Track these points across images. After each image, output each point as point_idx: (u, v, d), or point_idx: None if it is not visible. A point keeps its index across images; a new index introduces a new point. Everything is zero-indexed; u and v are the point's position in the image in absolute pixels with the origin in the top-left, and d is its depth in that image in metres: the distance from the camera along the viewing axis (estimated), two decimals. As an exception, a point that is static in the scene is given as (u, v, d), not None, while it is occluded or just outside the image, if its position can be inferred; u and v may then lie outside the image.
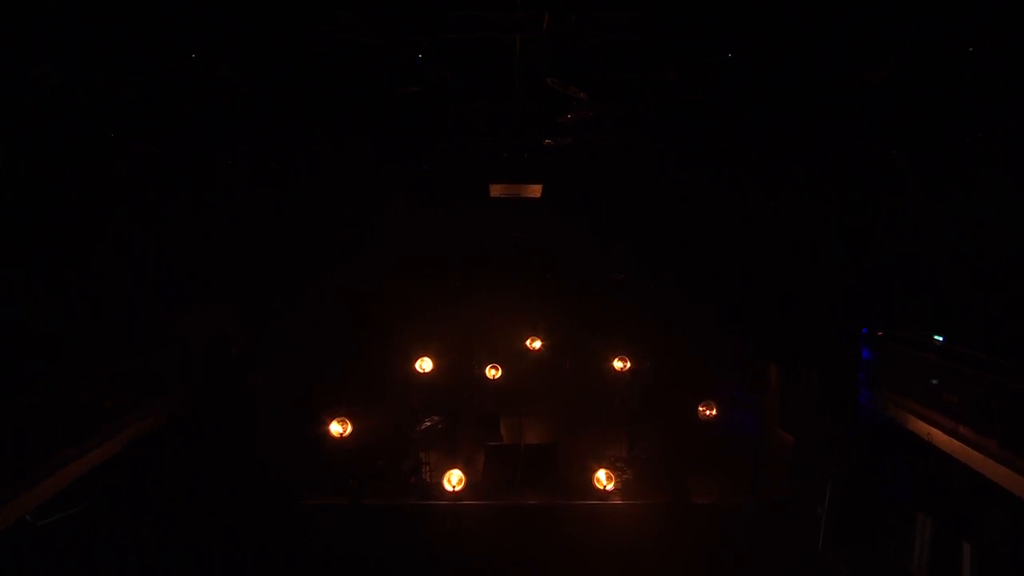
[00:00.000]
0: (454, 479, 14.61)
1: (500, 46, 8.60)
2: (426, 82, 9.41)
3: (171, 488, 13.70)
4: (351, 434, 15.84)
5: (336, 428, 15.54)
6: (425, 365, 17.94)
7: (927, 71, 7.81)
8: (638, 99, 9.70)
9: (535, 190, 13.37)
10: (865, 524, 13.65)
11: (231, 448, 14.23)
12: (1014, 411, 10.18)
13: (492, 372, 18.35)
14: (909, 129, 9.73)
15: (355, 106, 10.45)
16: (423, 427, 15.72)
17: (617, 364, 18.09)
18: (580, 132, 10.90)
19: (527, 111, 10.66)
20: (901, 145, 10.31)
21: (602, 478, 14.67)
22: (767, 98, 9.50)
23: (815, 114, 9.97)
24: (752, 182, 13.39)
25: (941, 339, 12.66)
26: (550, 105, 10.19)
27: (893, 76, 8.02)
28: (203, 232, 14.03)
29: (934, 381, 12.17)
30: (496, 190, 13.51)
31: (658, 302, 18.10)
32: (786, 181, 13.29)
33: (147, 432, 13.27)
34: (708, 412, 16.57)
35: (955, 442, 11.42)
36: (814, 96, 9.22)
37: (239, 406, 14.65)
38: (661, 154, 12.10)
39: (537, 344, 18.86)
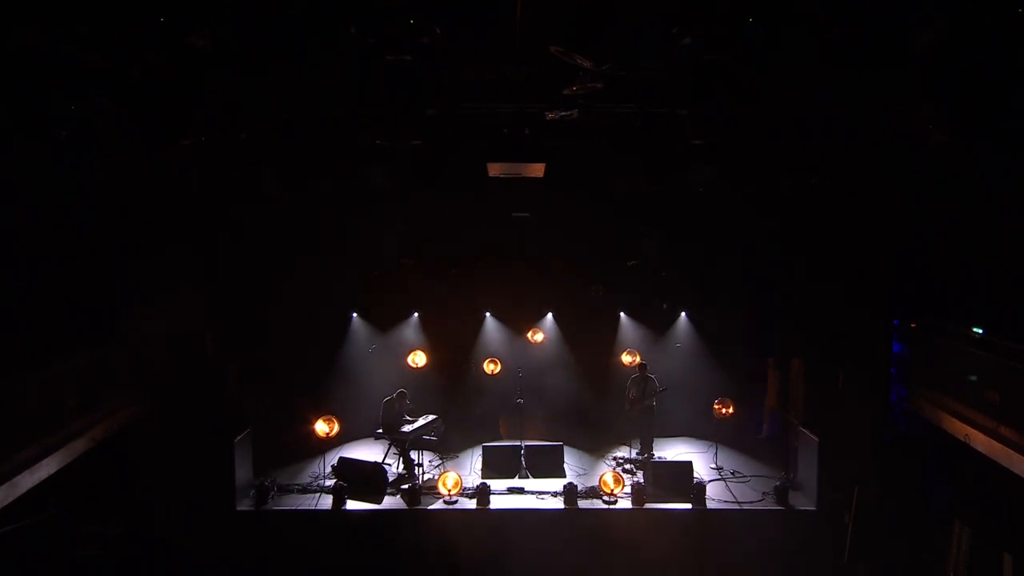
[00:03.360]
0: (449, 482, 14.49)
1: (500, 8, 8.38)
2: (419, 50, 9.16)
3: (141, 492, 13.52)
4: (338, 434, 15.71)
5: (322, 427, 15.39)
6: (418, 360, 17.81)
7: (979, 33, 7.51)
8: (660, 63, 9.47)
9: (537, 169, 13.09)
10: (895, 533, 13.44)
11: (207, 449, 14.02)
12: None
13: (491, 367, 18.21)
14: (951, 102, 9.44)
15: (344, 75, 10.24)
16: (416, 426, 15.50)
17: (626, 358, 17.96)
18: (589, 104, 10.68)
19: (528, 83, 10.48)
20: (941, 121, 10.01)
21: (609, 481, 14.50)
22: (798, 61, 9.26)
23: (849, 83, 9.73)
24: (779, 160, 13.16)
25: (981, 332, 12.41)
26: (553, 76, 9.92)
27: (940, 40, 7.73)
28: (180, 219, 13.82)
29: (973, 377, 11.98)
30: (494, 169, 13.20)
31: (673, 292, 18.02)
32: (811, 160, 13.06)
33: (116, 432, 13.07)
34: (724, 411, 16.39)
35: (996, 444, 11.22)
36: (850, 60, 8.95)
37: (216, 403, 14.41)
38: (681, 128, 11.87)
39: (539, 337, 18.71)
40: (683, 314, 18.79)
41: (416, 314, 18.82)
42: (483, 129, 12.26)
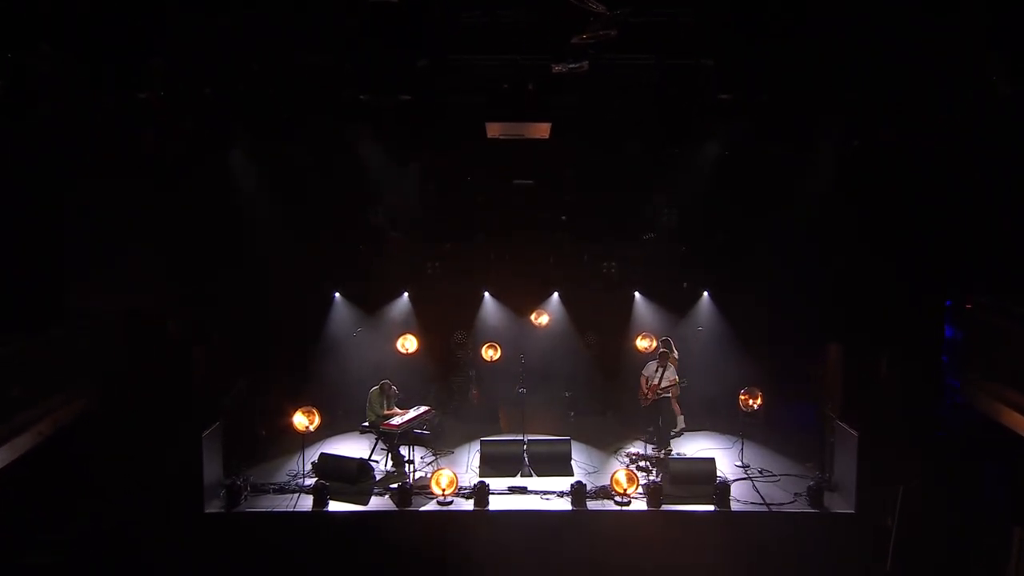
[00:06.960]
0: (443, 481, 14.36)
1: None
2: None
3: (96, 493, 13.42)
4: (319, 427, 15.60)
5: (301, 420, 15.27)
6: (409, 345, 17.76)
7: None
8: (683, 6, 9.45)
9: (542, 130, 13.03)
10: (945, 539, 13.30)
11: (171, 444, 13.81)
12: None
13: (490, 353, 18.15)
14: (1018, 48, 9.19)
15: (322, 20, 10.23)
16: (406, 419, 15.39)
17: (641, 343, 17.82)
18: (601, 54, 10.56)
19: (532, 30, 10.45)
20: (1006, 70, 9.74)
21: (622, 480, 14.36)
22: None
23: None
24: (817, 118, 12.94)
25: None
26: (560, 22, 9.80)
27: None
28: (136, 182, 13.64)
29: (1037, 365, 11.80)
30: (494, 130, 13.15)
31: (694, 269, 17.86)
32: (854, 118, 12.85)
33: (67, 425, 12.88)
34: (752, 402, 16.19)
35: (1062, 441, 11.05)
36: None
37: (181, 393, 14.22)
38: (706, 81, 11.65)
39: (544, 320, 18.68)
40: (705, 294, 18.70)
41: (406, 294, 18.79)
42: (481, 83, 12.20)
